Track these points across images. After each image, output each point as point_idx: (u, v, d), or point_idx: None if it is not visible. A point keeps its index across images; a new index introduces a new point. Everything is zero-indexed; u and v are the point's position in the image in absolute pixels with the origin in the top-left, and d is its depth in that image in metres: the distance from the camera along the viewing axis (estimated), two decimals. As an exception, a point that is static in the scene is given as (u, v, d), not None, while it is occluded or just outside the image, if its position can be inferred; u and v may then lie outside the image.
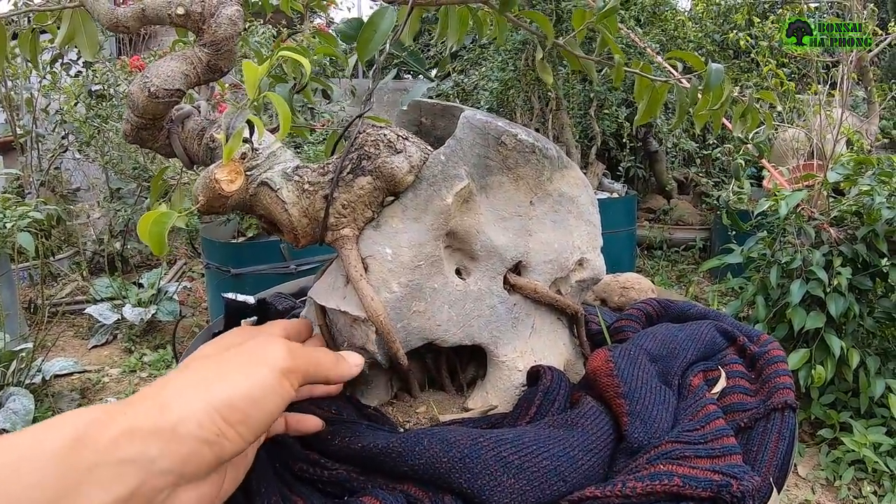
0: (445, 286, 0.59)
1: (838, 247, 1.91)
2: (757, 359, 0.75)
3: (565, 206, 0.71)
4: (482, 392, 0.69)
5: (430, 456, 0.44)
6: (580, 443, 0.52)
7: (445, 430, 0.47)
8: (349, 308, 0.55)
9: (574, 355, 0.78)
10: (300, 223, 0.56)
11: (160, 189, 0.96)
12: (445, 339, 0.61)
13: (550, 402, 0.59)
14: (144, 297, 3.17)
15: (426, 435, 0.46)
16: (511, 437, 0.48)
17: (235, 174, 0.51)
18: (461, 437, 0.46)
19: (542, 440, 0.50)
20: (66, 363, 2.73)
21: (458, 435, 0.46)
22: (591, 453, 0.52)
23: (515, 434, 0.49)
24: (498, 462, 0.45)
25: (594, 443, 0.53)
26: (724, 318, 0.84)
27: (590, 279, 0.76)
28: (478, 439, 0.46)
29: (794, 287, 1.86)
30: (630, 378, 0.60)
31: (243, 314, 0.84)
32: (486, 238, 0.61)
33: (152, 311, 3.07)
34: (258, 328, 0.51)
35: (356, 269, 0.54)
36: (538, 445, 0.49)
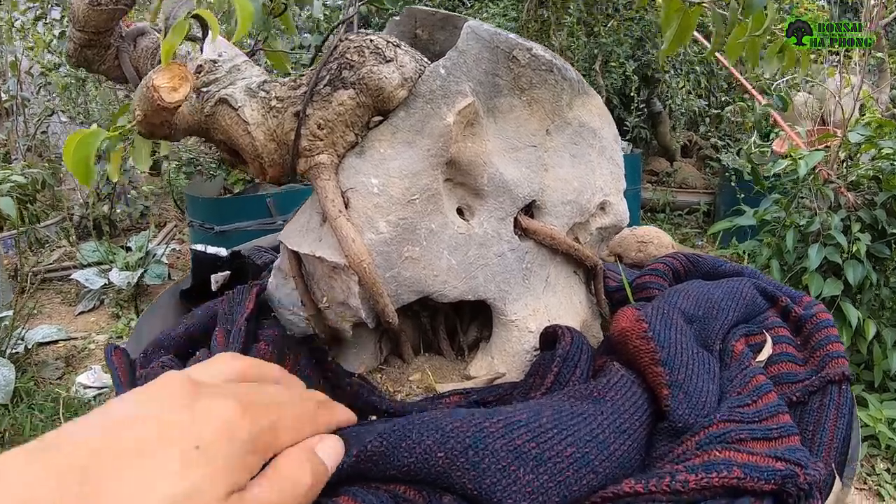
0: (445, 228, 0.48)
1: (856, 212, 1.80)
2: (803, 323, 0.66)
3: (586, 139, 0.61)
4: (487, 357, 0.59)
5: (423, 451, 0.34)
6: (611, 421, 0.43)
7: (440, 416, 0.37)
8: (325, 253, 0.45)
9: (591, 315, 0.68)
10: (266, 149, 0.45)
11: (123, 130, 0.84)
12: (444, 292, 0.50)
13: (570, 369, 0.49)
14: (132, 261, 3.07)
15: (415, 425, 0.36)
16: (525, 418, 0.38)
17: (179, 80, 0.40)
18: (461, 424, 0.36)
19: (564, 420, 0.40)
20: (50, 330, 2.63)
21: (457, 421, 0.36)
22: (625, 435, 0.43)
23: (531, 414, 0.39)
24: (510, 453, 0.35)
25: (627, 421, 0.44)
26: (761, 276, 0.74)
27: (612, 226, 0.66)
28: (482, 424, 0.36)
29: (811, 251, 1.75)
30: (667, 341, 0.50)
31: (214, 269, 0.74)
32: (495, 170, 0.50)
33: (139, 274, 2.97)
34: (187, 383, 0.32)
35: (334, 204, 0.43)
36: (560, 427, 0.39)
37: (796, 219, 1.84)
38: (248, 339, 0.48)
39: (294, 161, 0.45)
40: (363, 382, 0.52)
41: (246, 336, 0.48)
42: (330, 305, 0.53)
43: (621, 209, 0.66)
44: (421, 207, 0.46)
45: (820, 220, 1.77)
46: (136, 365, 0.51)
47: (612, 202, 0.65)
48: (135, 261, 3.08)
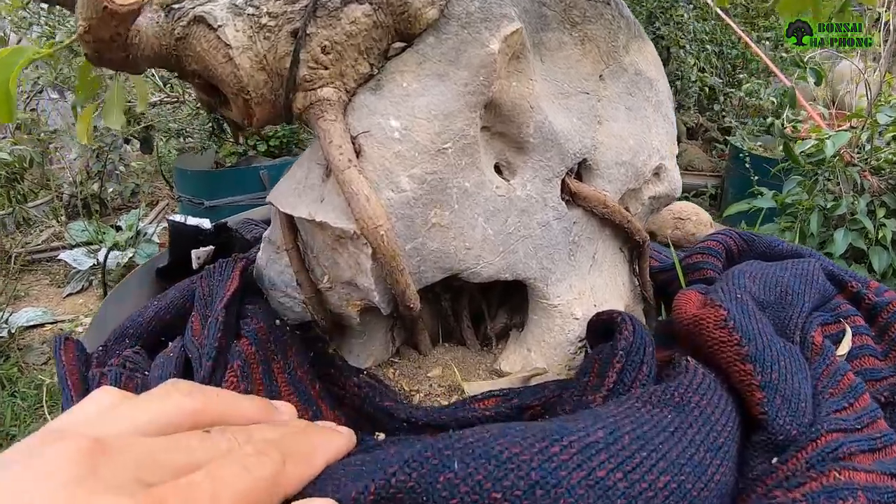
0: (481, 188, 0.38)
1: (880, 197, 1.71)
2: (878, 311, 0.56)
3: (643, 90, 0.50)
4: (521, 348, 0.49)
5: (471, 489, 0.24)
6: (703, 436, 0.33)
7: (487, 437, 0.27)
8: (328, 216, 0.34)
9: (633, 299, 0.58)
10: (253, 80, 0.34)
11: (92, 84, 0.73)
12: (477, 270, 0.40)
13: (635, 366, 0.39)
14: (122, 240, 2.97)
15: (456, 450, 0.26)
16: (602, 437, 0.28)
17: (133, -22, 0.29)
18: (520, 451, 0.26)
19: (648, 437, 0.30)
20: (35, 313, 2.53)
21: (514, 444, 0.26)
22: (721, 453, 0.33)
23: (607, 430, 0.29)
24: (593, 490, 0.25)
25: (721, 434, 0.34)
26: (822, 258, 0.64)
27: (665, 196, 0.56)
28: (549, 450, 0.26)
29: (837, 236, 1.66)
30: (752, 332, 0.40)
31: (195, 243, 0.63)
32: (543, 118, 0.40)
33: (130, 255, 2.86)
34: None
35: (342, 153, 0.32)
36: (647, 448, 0.29)
37: (820, 201, 1.75)
38: (227, 333, 0.37)
39: (290, 97, 0.34)
40: (374, 382, 0.42)
41: (224, 330, 0.37)
42: (333, 286, 0.43)
43: (675, 176, 0.56)
44: (454, 159, 0.35)
45: (846, 204, 1.68)
46: (91, 361, 0.41)
47: (668, 167, 0.55)
48: (125, 240, 2.98)
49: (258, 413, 0.29)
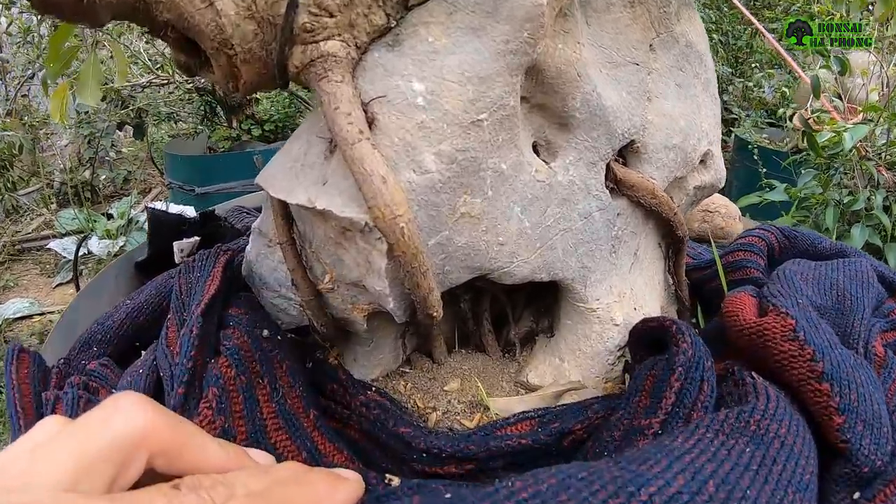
0: (519, 171, 0.31)
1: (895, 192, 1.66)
2: None
3: (693, 65, 0.44)
4: (552, 357, 0.42)
5: None
6: (788, 473, 0.26)
7: (541, 488, 0.20)
8: (333, 204, 0.27)
9: (667, 300, 0.52)
10: (239, 31, 0.28)
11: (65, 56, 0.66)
12: (510, 270, 0.33)
13: (696, 384, 0.32)
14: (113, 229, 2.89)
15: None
16: (684, 485, 0.22)
17: None
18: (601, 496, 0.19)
19: (732, 480, 0.24)
20: (23, 304, 2.46)
21: (580, 500, 0.20)
22: (808, 493, 0.27)
23: (687, 475, 0.23)
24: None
25: (805, 469, 0.28)
26: (867, 257, 0.58)
27: (710, 186, 0.49)
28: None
29: (855, 232, 1.61)
30: (823, 346, 0.34)
31: (178, 234, 0.56)
32: (592, 88, 0.33)
33: (120, 244, 2.79)
34: None
35: (351, 122, 0.26)
36: (733, 495, 0.23)
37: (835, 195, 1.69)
38: (204, 349, 0.30)
39: (285, 51, 0.27)
40: (385, 401, 0.35)
41: (200, 346, 0.29)
42: (335, 286, 0.36)
43: (721, 165, 0.50)
44: (490, 135, 0.28)
45: (864, 199, 1.62)
46: (49, 378, 0.34)
47: (715, 154, 0.48)
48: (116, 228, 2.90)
49: (228, 459, 0.22)
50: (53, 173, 3.56)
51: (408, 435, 0.32)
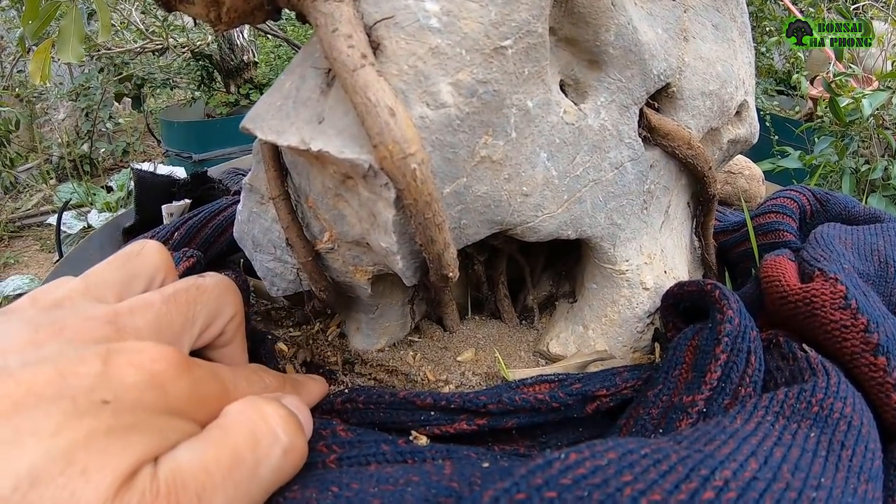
0: (547, 111, 0.27)
1: (911, 161, 1.62)
2: None
3: (729, 6, 0.39)
4: (575, 325, 0.39)
5: None
6: (859, 458, 0.23)
7: (602, 463, 0.17)
8: (331, 144, 0.23)
9: (693, 263, 0.48)
10: (221, -53, 0.23)
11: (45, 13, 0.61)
12: (535, 224, 0.30)
13: (743, 357, 0.29)
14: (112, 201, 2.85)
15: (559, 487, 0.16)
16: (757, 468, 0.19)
17: None
18: (660, 495, 0.16)
19: (803, 466, 0.21)
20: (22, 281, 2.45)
21: (647, 481, 0.16)
22: (877, 480, 0.23)
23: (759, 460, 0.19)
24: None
25: (875, 454, 0.24)
26: None
27: (744, 140, 0.45)
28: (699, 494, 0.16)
29: (871, 202, 1.57)
30: (876, 315, 0.31)
31: (167, 196, 0.53)
32: (627, 20, 0.29)
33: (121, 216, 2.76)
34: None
35: (352, 45, 0.22)
36: (809, 483, 0.20)
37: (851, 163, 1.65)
38: None
39: (275, -31, 0.23)
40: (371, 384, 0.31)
41: None
42: (336, 246, 0.32)
43: (755, 116, 0.46)
44: (514, 66, 0.24)
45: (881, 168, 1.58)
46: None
47: (750, 104, 0.44)
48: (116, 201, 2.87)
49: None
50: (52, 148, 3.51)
51: (410, 395, 0.28)
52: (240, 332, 0.29)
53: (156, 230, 0.45)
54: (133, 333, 0.22)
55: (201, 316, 0.25)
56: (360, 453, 0.26)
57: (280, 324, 0.46)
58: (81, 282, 0.24)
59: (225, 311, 0.27)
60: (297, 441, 0.22)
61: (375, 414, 0.30)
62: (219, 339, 0.27)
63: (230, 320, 0.27)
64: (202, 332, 0.26)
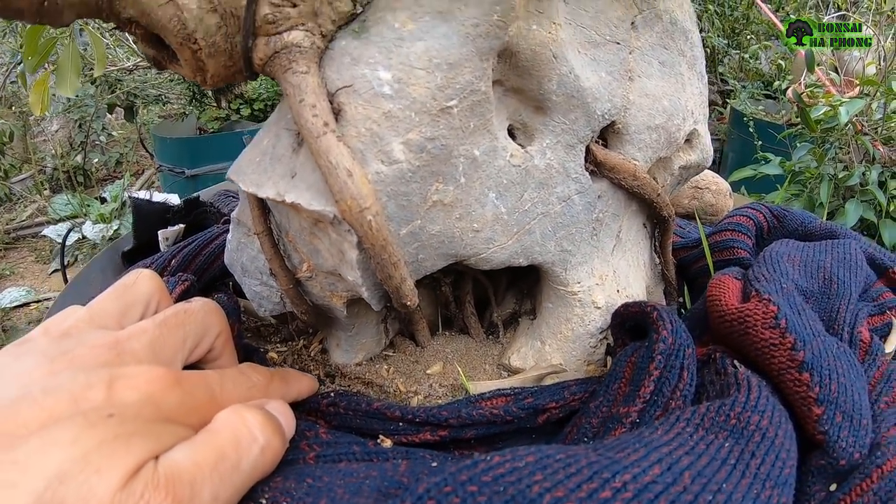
0: (493, 156, 0.31)
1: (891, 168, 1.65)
2: None
3: (677, 43, 0.43)
4: (534, 341, 0.42)
5: None
6: (767, 466, 0.26)
7: (519, 465, 0.21)
8: (301, 197, 0.27)
9: (653, 280, 0.52)
10: (202, 25, 0.27)
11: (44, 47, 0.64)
12: (487, 255, 0.33)
13: (675, 373, 0.32)
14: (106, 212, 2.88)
15: (480, 483, 0.20)
16: (659, 474, 0.22)
17: None
18: (563, 492, 0.20)
19: (708, 474, 0.24)
20: (19, 293, 2.47)
21: (555, 481, 0.20)
22: (787, 487, 0.27)
23: (664, 465, 0.23)
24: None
25: (786, 463, 0.28)
26: (858, 237, 0.58)
27: (696, 166, 0.49)
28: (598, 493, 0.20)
29: (849, 207, 1.60)
30: (805, 334, 0.34)
31: (162, 222, 0.56)
32: (569, 70, 0.32)
33: (115, 227, 2.78)
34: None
35: (316, 114, 0.25)
36: (708, 488, 0.23)
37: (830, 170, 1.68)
38: None
39: (249, 44, 0.27)
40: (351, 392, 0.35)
41: None
42: (313, 275, 0.36)
43: (707, 143, 0.49)
44: (460, 121, 0.28)
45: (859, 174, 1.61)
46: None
47: (701, 133, 0.48)
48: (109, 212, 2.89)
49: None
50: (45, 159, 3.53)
51: (382, 407, 0.32)
52: (228, 346, 0.32)
53: (154, 258, 0.48)
54: (132, 357, 0.26)
55: (190, 336, 0.29)
56: (334, 452, 0.31)
57: (269, 340, 0.49)
58: (86, 312, 0.28)
59: (211, 330, 0.31)
60: (272, 441, 0.26)
61: (353, 420, 0.34)
62: (210, 354, 0.31)
63: (217, 337, 0.31)
64: (193, 349, 0.30)
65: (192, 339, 0.29)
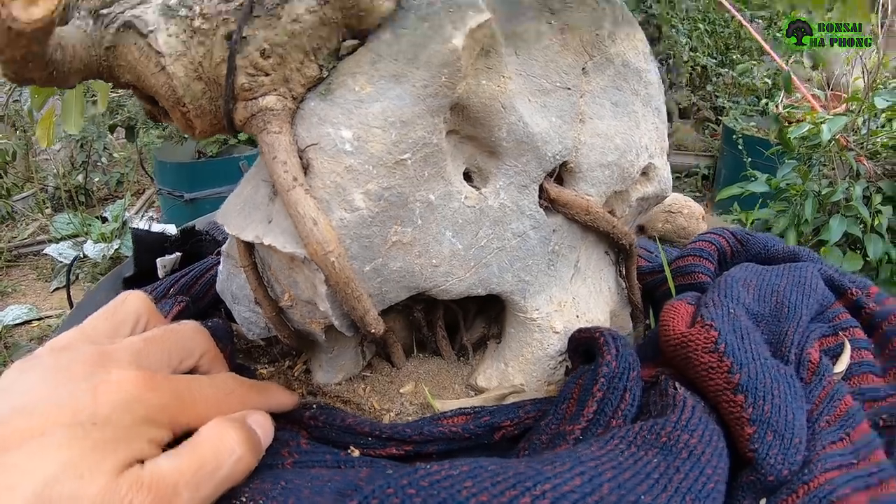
0: (448, 200, 0.35)
1: (877, 183, 1.68)
2: (878, 323, 0.52)
3: (630, 83, 0.47)
4: (498, 362, 0.46)
5: None
6: (690, 481, 0.30)
7: (454, 472, 0.24)
8: (277, 241, 0.31)
9: (620, 303, 0.55)
10: (189, 91, 0.31)
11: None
12: (446, 287, 0.37)
13: (618, 394, 0.36)
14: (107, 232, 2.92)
15: (418, 486, 0.23)
16: (580, 485, 0.26)
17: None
18: (487, 497, 0.23)
19: (631, 488, 0.27)
20: (21, 311, 2.50)
21: (481, 487, 0.24)
22: (709, 500, 0.30)
23: (585, 478, 0.26)
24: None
25: (711, 479, 0.31)
26: (821, 260, 0.61)
27: (654, 196, 0.52)
28: (518, 499, 0.24)
29: (833, 223, 1.63)
30: (744, 357, 0.37)
31: (161, 251, 0.60)
32: (518, 118, 0.36)
33: (115, 246, 2.82)
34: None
35: (287, 170, 0.29)
36: (626, 498, 0.27)
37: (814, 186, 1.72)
38: None
39: (230, 107, 0.31)
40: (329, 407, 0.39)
41: None
42: (294, 304, 0.39)
43: (665, 175, 0.53)
44: (414, 172, 0.32)
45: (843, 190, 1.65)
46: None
47: (657, 165, 0.51)
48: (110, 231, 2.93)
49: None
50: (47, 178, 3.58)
51: (354, 423, 0.36)
52: (216, 365, 0.35)
53: (154, 285, 0.52)
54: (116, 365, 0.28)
55: (175, 351, 0.32)
56: (309, 460, 0.34)
57: (258, 360, 0.53)
58: (80, 330, 0.31)
59: (196, 349, 0.33)
60: (246, 455, 0.29)
61: (330, 432, 0.38)
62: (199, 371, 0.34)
63: (202, 356, 0.34)
64: (177, 365, 0.32)
65: (177, 354, 0.32)
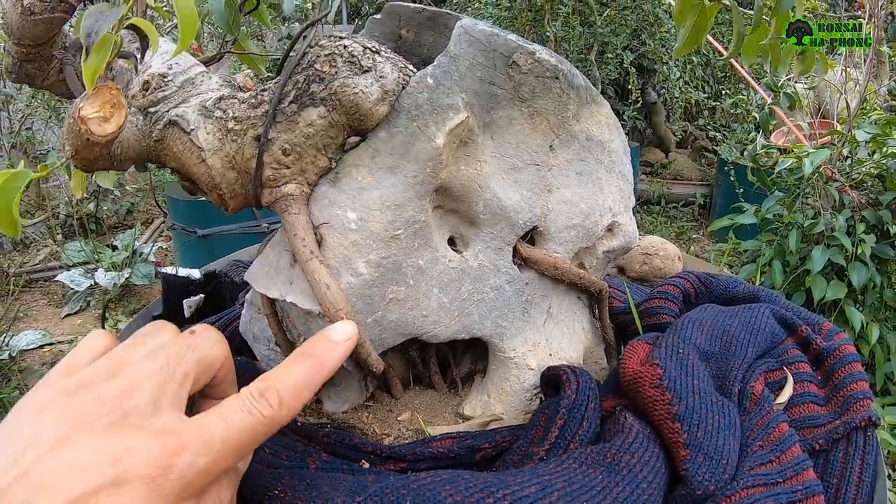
0: (435, 263, 0.42)
1: (860, 212, 1.75)
2: (825, 356, 0.59)
3: (594, 154, 0.55)
4: (482, 395, 0.53)
5: None
6: (626, 493, 0.37)
7: (438, 484, 0.32)
8: (297, 299, 0.39)
9: (594, 341, 0.62)
10: (225, 179, 0.39)
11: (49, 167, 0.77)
12: (434, 333, 0.44)
13: (577, 422, 0.43)
14: (118, 260, 3.00)
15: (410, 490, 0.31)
16: (534, 493, 0.33)
17: (111, 107, 0.34)
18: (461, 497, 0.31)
19: (576, 496, 0.35)
20: (35, 336, 2.56)
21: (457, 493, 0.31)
22: None
23: (539, 487, 0.33)
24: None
25: (646, 492, 0.38)
26: (778, 300, 0.68)
27: (620, 248, 0.60)
28: (484, 501, 0.31)
29: (815, 253, 1.69)
30: (685, 391, 0.44)
31: (186, 293, 0.68)
32: (492, 195, 0.44)
33: (126, 275, 2.89)
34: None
35: (305, 245, 0.37)
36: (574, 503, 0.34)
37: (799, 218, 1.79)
38: None
39: (258, 192, 0.39)
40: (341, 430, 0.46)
41: None
42: (307, 346, 0.47)
43: (630, 229, 0.61)
44: (406, 243, 0.40)
45: (825, 221, 1.72)
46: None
47: (621, 222, 0.59)
48: (121, 260, 3.00)
49: None
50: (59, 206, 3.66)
51: (359, 443, 0.43)
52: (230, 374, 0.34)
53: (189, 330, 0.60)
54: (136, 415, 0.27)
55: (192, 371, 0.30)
56: (329, 467, 0.42)
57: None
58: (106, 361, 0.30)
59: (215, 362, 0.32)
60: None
61: (340, 449, 0.45)
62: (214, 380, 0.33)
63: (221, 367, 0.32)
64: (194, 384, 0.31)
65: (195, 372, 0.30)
